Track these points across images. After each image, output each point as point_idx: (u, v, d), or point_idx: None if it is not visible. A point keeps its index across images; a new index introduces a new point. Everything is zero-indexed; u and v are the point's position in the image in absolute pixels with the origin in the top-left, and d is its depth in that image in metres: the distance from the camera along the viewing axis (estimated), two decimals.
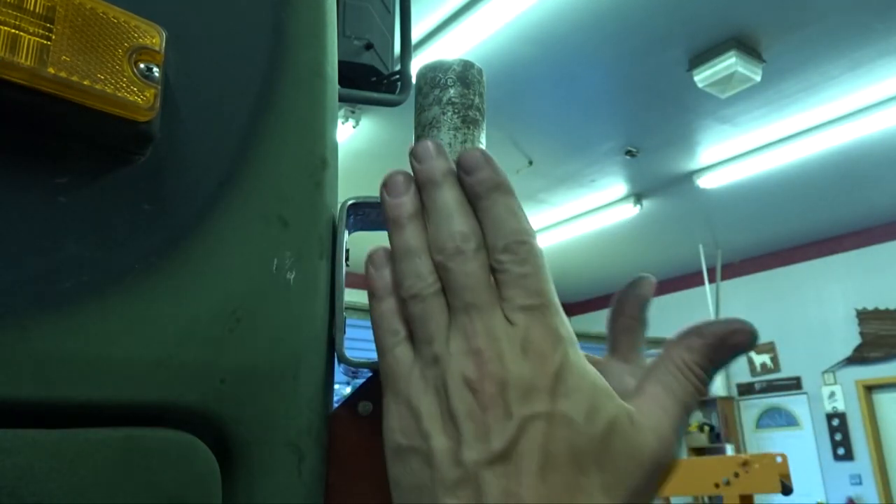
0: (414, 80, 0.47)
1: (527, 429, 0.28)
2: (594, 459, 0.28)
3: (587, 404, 0.28)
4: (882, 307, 7.02)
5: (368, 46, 0.87)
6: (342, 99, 0.56)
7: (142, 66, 0.31)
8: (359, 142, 4.95)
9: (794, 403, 7.62)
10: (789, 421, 7.64)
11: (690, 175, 5.86)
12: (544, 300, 0.31)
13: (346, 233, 0.42)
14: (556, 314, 0.31)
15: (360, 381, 0.41)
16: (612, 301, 0.41)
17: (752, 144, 5.39)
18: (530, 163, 5.49)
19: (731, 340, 0.31)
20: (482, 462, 0.27)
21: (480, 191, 0.32)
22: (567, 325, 0.31)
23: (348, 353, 0.39)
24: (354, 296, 0.38)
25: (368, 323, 0.34)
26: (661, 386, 0.31)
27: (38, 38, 0.28)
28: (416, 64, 0.50)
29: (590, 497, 0.27)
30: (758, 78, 4.18)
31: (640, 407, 0.30)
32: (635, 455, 0.28)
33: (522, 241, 0.31)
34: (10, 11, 0.27)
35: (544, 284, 0.31)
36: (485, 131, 0.45)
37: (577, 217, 6.73)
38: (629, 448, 0.28)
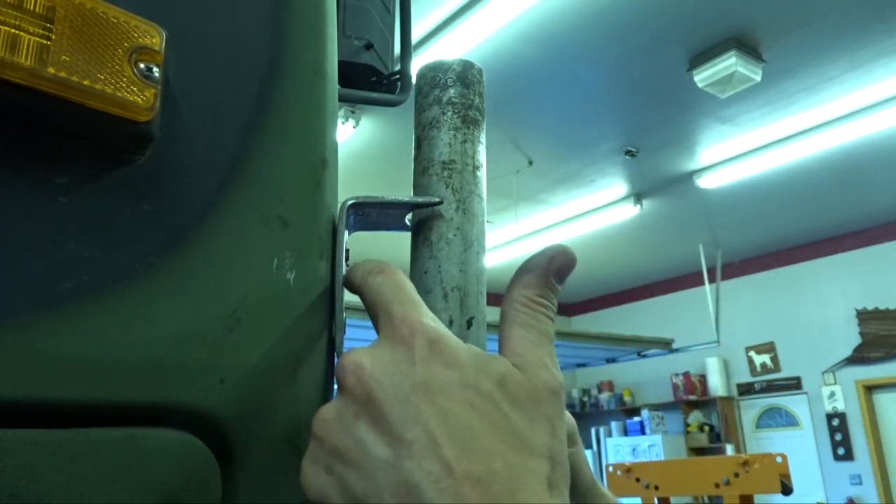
0: (414, 80, 0.47)
1: (419, 405, 0.29)
2: (507, 410, 0.30)
3: (474, 369, 0.30)
4: (882, 307, 7.01)
5: (368, 46, 0.87)
6: (342, 99, 0.56)
7: (142, 66, 0.31)
8: (359, 142, 4.94)
9: (794, 403, 7.61)
10: (789, 421, 7.64)
11: (690, 175, 5.85)
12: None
13: (346, 233, 0.42)
14: (414, 307, 0.33)
15: None
16: None
17: (752, 144, 5.39)
18: (530, 163, 5.48)
19: (554, 265, 0.35)
20: (396, 454, 0.28)
21: None
22: (430, 314, 0.33)
23: None
24: (354, 296, 0.38)
25: (368, 323, 0.34)
26: (519, 327, 0.34)
27: (38, 38, 0.28)
28: (416, 64, 0.50)
29: (532, 436, 0.30)
30: (758, 78, 4.17)
31: (512, 352, 0.33)
32: (535, 392, 0.31)
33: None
34: (10, 11, 0.27)
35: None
36: (485, 131, 0.45)
37: (577, 217, 6.72)
38: (527, 390, 0.31)
